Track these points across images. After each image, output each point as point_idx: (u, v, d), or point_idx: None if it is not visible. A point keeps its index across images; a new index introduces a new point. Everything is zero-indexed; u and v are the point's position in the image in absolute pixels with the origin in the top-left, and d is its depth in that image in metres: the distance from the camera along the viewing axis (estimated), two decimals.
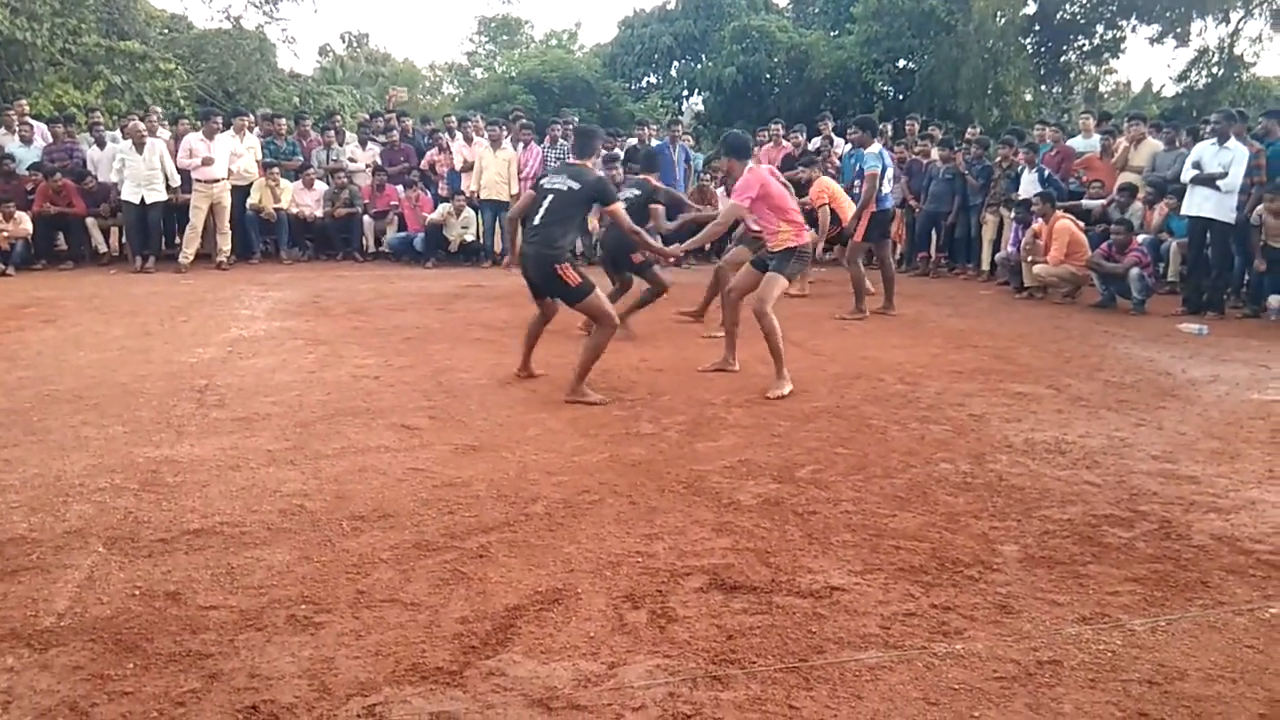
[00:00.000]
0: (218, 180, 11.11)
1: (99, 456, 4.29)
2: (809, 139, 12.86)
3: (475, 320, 7.81)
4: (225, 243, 11.40)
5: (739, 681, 2.52)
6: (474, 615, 2.84)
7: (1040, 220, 9.60)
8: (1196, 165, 8.65)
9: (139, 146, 10.78)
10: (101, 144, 11.85)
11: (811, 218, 8.31)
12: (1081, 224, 9.70)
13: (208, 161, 10.95)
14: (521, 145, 12.31)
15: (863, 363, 6.43)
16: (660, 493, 3.91)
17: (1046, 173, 10.53)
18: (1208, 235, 8.72)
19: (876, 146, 8.71)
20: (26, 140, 11.49)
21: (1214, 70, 20.13)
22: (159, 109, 13.03)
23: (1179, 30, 20.06)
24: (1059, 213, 9.55)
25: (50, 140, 11.63)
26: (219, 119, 11.54)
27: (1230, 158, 8.35)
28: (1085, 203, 10.54)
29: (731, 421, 5.04)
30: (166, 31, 18.85)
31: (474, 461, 4.31)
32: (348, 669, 2.55)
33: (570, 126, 12.85)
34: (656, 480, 4.06)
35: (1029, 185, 10.37)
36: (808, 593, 3.02)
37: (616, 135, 13.36)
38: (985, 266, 11.30)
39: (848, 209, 9.03)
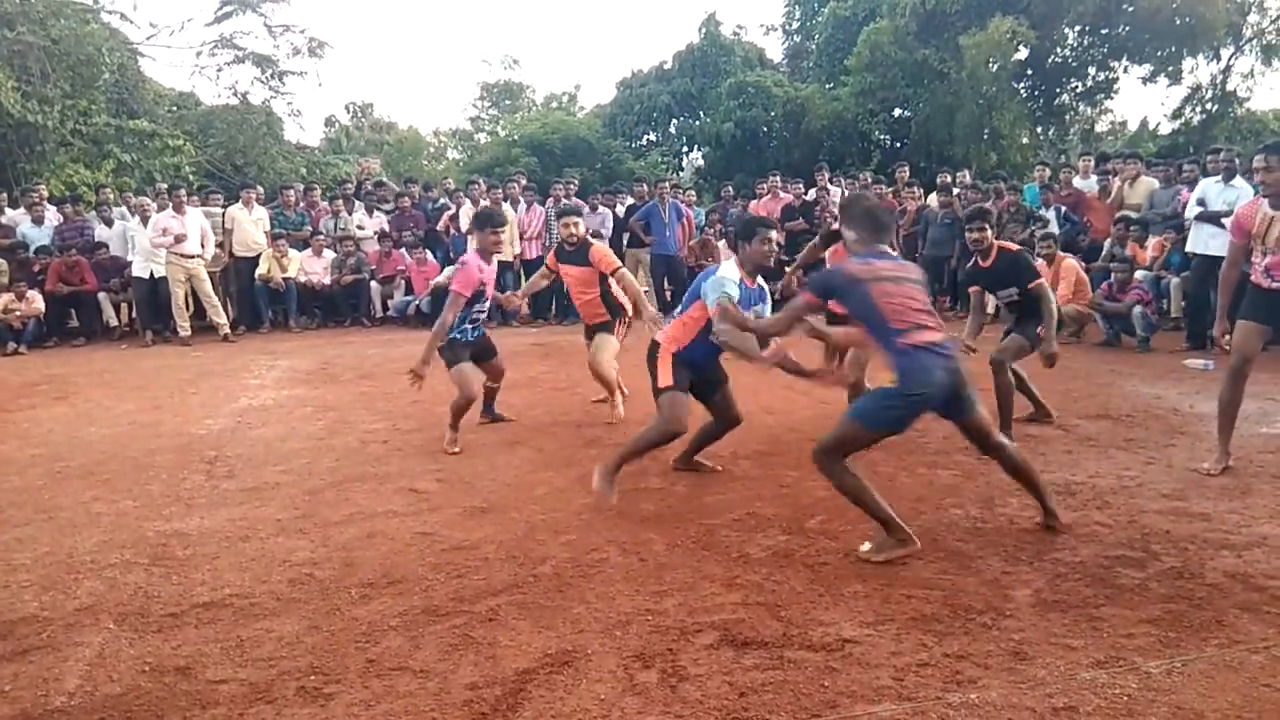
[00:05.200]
0: (192, 256, 11.09)
1: (110, 532, 4.31)
2: (807, 190, 13.01)
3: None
4: (218, 315, 11.45)
5: None
6: (483, 681, 2.83)
7: (1043, 261, 9.63)
8: (1201, 203, 8.68)
9: (144, 221, 10.98)
10: (109, 222, 12.08)
11: None
12: (1084, 263, 9.74)
13: (181, 238, 10.93)
14: (524, 206, 12.45)
15: None
16: (669, 548, 3.90)
17: (1064, 211, 10.63)
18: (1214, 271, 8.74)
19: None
20: (39, 221, 11.70)
21: (1208, 106, 20.33)
22: (165, 185, 13.25)
23: (1170, 69, 20.28)
24: (1062, 253, 9.60)
25: (61, 220, 11.84)
26: (182, 193, 11.45)
27: (1236, 195, 8.35)
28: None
29: (739, 474, 5.04)
30: (175, 109, 19.21)
31: (482, 523, 4.31)
32: None
33: (572, 186, 13.02)
34: (665, 536, 4.05)
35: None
36: (820, 646, 3.00)
37: (617, 192, 13.52)
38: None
39: None
